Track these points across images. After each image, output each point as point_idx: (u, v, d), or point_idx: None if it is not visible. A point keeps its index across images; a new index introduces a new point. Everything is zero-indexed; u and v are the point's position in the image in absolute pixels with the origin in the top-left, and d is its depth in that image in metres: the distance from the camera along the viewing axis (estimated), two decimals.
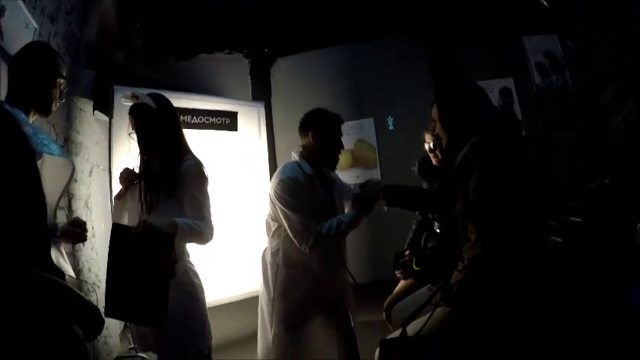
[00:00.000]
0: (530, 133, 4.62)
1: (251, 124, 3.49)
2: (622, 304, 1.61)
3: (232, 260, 3.04)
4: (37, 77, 1.37)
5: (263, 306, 2.08)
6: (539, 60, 4.82)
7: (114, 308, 1.58)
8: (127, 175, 1.74)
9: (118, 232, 1.56)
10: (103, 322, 1.35)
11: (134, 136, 1.73)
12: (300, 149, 2.05)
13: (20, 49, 1.47)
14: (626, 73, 4.32)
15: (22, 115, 1.29)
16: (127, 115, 1.77)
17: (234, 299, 2.98)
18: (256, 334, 2.12)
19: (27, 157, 1.17)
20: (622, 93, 4.35)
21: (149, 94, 1.75)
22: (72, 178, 1.45)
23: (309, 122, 2.03)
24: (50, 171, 1.27)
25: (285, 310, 1.96)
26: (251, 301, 2.69)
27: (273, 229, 2.01)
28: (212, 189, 1.77)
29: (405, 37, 4.91)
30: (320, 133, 1.98)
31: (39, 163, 1.24)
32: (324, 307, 1.98)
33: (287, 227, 1.90)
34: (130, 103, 1.73)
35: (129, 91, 2.63)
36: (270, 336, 2.00)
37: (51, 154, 1.28)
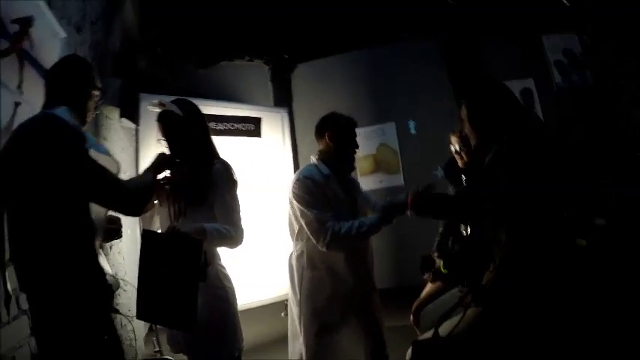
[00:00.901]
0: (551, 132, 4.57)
1: (275, 130, 3.52)
2: None
3: (260, 265, 3.07)
4: (74, 89, 1.43)
5: (292, 309, 2.09)
6: (558, 58, 4.75)
7: (145, 311, 1.62)
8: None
9: (148, 238, 1.60)
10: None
11: (163, 142, 1.76)
12: (318, 153, 2.08)
13: (57, 61, 1.53)
14: None
15: (74, 120, 1.36)
16: (153, 122, 1.80)
17: (262, 303, 3.00)
18: (283, 338, 2.14)
19: (87, 159, 1.28)
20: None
21: (175, 101, 1.78)
22: (118, 174, 1.51)
23: (324, 125, 2.08)
24: None
25: (312, 312, 1.96)
26: (279, 305, 2.72)
27: (296, 231, 2.03)
28: (239, 194, 1.80)
29: (424, 40, 4.88)
30: (335, 134, 2.03)
31: None
32: (351, 310, 1.98)
33: (304, 225, 1.90)
34: (157, 110, 1.76)
35: (155, 98, 2.69)
36: (300, 339, 2.01)
37: (99, 151, 1.34)
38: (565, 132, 4.54)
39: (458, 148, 2.26)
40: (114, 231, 1.61)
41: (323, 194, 1.92)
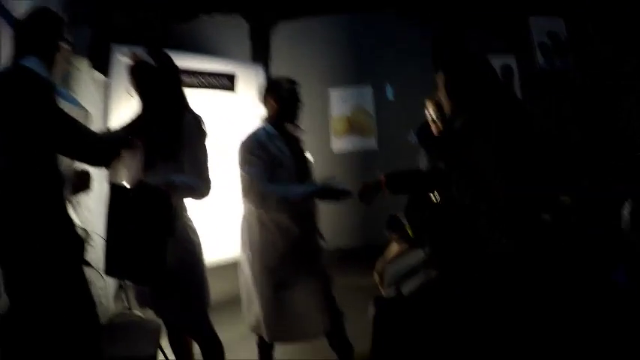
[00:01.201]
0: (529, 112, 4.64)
1: (249, 86, 3.44)
2: (608, 283, 1.65)
3: (227, 221, 3.05)
4: (43, 42, 1.38)
5: (244, 272, 2.08)
6: (542, 40, 4.78)
7: (112, 267, 1.60)
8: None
9: (115, 192, 1.56)
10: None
11: (134, 94, 1.71)
12: (265, 118, 2.13)
13: (26, 13, 1.47)
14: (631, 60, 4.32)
15: (43, 69, 1.32)
16: (125, 75, 1.74)
17: (230, 260, 3.00)
18: None
19: (58, 109, 1.26)
20: (626, 81, 4.35)
21: (149, 51, 1.71)
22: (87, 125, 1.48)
23: (268, 90, 2.13)
24: None
25: (265, 271, 1.99)
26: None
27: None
28: (209, 149, 1.76)
29: (408, 10, 4.84)
30: (278, 94, 2.07)
31: None
32: (302, 267, 2.02)
33: (240, 183, 1.94)
34: (129, 62, 1.70)
35: (129, 48, 2.59)
36: (255, 303, 2.03)
37: (69, 102, 1.31)
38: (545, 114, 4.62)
39: (434, 116, 2.27)
40: (83, 183, 1.57)
41: (267, 153, 1.95)
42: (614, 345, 1.43)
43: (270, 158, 1.95)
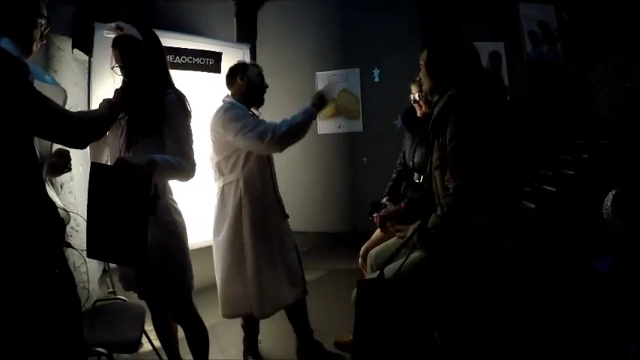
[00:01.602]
0: (515, 99, 4.68)
1: None
2: (590, 271, 1.68)
3: (212, 204, 3.03)
4: (18, 18, 1.34)
5: (226, 251, 2.11)
6: (532, 29, 4.78)
7: (95, 249, 1.56)
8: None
9: (96, 171, 1.52)
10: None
11: (117, 70, 1.66)
12: (230, 96, 2.22)
13: None
14: (619, 54, 4.36)
15: (14, 49, 1.28)
16: (108, 54, 1.70)
17: (210, 242, 2.99)
18: None
19: (32, 90, 1.21)
20: (611, 74, 4.40)
21: (134, 25, 1.66)
22: (64, 104, 1.44)
23: (235, 70, 2.22)
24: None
25: (263, 236, 2.09)
26: None
27: (230, 164, 2.09)
28: (194, 130, 1.73)
29: None
30: (246, 74, 2.18)
31: None
32: (285, 234, 2.20)
33: (244, 138, 1.96)
34: (113, 36, 1.65)
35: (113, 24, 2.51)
36: (238, 281, 2.08)
37: (44, 82, 1.26)
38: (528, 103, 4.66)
39: (417, 97, 2.28)
40: (62, 164, 1.53)
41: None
42: (596, 334, 1.46)
43: None
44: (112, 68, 1.67)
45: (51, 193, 1.38)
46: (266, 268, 2.05)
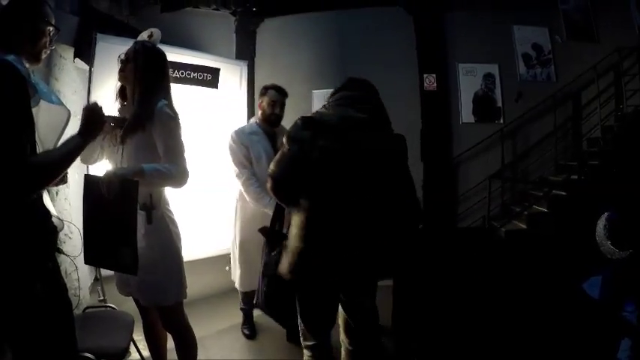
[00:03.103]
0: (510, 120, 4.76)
1: (232, 82, 3.42)
2: (578, 292, 1.69)
3: (206, 217, 3.06)
4: (27, 26, 1.37)
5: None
6: (526, 51, 4.89)
7: (91, 256, 1.62)
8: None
9: (89, 182, 1.58)
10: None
11: (122, 56, 1.72)
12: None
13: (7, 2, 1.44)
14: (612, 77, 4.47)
15: (20, 65, 1.29)
16: (108, 64, 1.76)
17: (206, 255, 3.01)
18: (227, 291, 2.17)
19: (26, 105, 1.19)
20: (603, 97, 4.52)
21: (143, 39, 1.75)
22: (67, 124, 1.46)
23: (260, 94, 2.66)
24: (47, 117, 1.30)
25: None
26: (222, 259, 2.76)
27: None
28: (189, 145, 1.77)
29: (395, 7, 4.88)
30: (262, 100, 2.63)
31: (35, 109, 1.26)
32: None
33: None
34: (146, 38, 1.75)
35: (112, 40, 2.57)
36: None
37: (50, 102, 1.28)
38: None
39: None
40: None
41: (242, 143, 2.53)
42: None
43: (245, 148, 2.52)
44: (119, 60, 1.73)
45: (46, 200, 1.40)
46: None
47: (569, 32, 4.82)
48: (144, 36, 1.76)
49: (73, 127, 3.21)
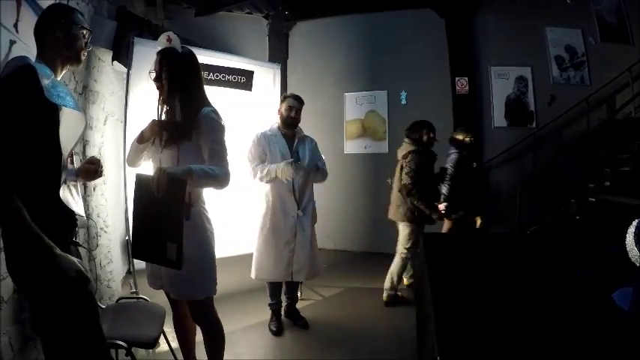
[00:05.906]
0: (543, 124, 4.64)
1: (266, 85, 3.47)
2: (608, 302, 1.64)
3: (239, 216, 3.13)
4: (60, 34, 1.43)
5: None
6: (558, 53, 4.77)
7: (138, 250, 1.69)
8: (155, 126, 1.78)
9: (140, 181, 1.64)
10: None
11: (152, 75, 1.76)
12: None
13: (42, 12, 1.53)
14: None
15: (46, 70, 1.35)
16: (144, 67, 1.80)
17: (233, 254, 3.09)
18: (252, 289, 2.18)
19: (44, 106, 1.25)
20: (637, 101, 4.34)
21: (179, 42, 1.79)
22: (85, 129, 1.51)
23: (280, 101, 2.88)
24: (65, 121, 1.34)
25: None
26: (251, 258, 2.81)
27: None
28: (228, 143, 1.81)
29: (426, 9, 4.84)
30: (281, 106, 2.85)
31: (60, 114, 1.32)
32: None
33: None
34: (165, 44, 1.77)
35: (149, 43, 2.64)
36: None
37: (65, 106, 1.33)
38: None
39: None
40: (94, 170, 1.61)
41: (261, 144, 2.78)
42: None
43: (263, 150, 2.78)
44: (149, 72, 1.78)
45: (66, 195, 1.43)
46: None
47: (602, 34, 4.67)
48: (162, 41, 1.78)
49: (111, 127, 3.35)
